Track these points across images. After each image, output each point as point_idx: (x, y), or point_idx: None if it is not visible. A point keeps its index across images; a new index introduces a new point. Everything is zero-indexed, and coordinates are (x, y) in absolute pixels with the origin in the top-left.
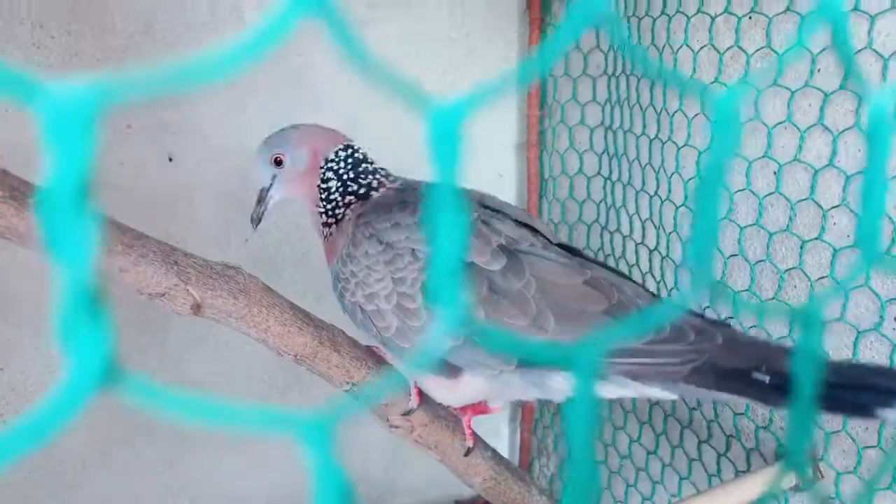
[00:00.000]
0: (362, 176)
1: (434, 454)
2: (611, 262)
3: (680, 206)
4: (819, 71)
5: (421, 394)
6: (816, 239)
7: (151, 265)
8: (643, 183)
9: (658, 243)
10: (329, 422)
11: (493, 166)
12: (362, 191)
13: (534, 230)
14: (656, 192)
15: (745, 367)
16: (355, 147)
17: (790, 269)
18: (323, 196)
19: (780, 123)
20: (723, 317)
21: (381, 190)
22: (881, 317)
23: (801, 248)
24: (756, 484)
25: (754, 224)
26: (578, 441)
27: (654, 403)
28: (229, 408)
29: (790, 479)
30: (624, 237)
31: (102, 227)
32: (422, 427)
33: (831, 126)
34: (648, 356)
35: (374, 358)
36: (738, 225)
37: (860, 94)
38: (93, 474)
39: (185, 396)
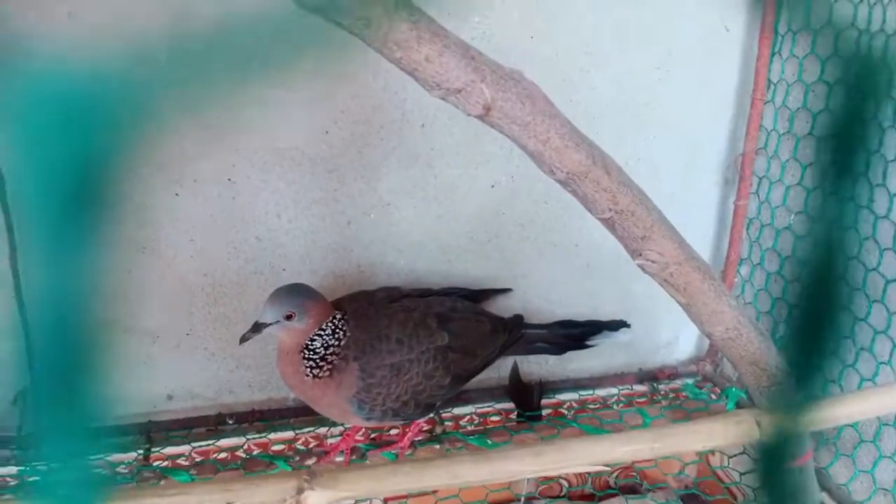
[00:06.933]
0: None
1: (681, 297)
2: None
3: None
4: None
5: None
6: None
7: (453, 57)
8: None
9: None
10: None
11: (719, 16)
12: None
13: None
14: None
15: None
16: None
17: None
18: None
19: None
20: None
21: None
22: None
23: None
24: None
25: None
26: None
27: (890, 281)
28: None
29: None
30: None
31: (411, 13)
32: (675, 266)
33: None
34: None
35: (637, 190)
36: None
37: None
38: None
39: None
